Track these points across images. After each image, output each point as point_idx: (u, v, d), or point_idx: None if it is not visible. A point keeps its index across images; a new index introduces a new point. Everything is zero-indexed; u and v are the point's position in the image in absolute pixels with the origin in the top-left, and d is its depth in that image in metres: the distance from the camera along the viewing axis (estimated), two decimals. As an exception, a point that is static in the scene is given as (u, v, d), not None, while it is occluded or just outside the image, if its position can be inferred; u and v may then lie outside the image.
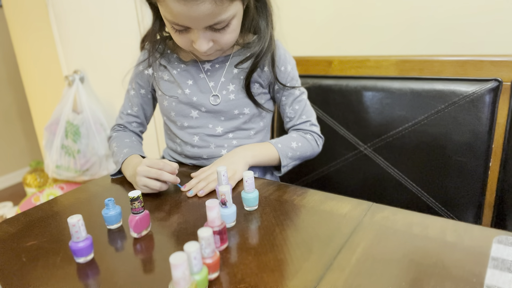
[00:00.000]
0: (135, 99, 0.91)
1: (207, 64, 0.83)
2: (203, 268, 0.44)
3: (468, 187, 0.90)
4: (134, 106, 0.92)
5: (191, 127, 0.84)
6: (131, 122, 0.93)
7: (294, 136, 0.85)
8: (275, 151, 0.81)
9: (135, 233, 0.57)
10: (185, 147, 0.86)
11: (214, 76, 0.83)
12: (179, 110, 0.84)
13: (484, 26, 0.95)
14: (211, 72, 0.83)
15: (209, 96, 0.82)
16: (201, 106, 0.82)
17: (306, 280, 0.46)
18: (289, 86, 0.86)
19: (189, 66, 0.83)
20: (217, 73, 0.83)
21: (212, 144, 0.84)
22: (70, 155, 1.89)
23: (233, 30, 0.73)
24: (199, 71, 0.83)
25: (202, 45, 0.71)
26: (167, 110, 0.86)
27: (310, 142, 0.86)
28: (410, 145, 0.94)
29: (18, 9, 2.07)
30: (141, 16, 1.54)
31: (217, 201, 0.51)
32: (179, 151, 0.88)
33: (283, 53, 0.85)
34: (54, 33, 1.92)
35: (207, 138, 0.84)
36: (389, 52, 1.07)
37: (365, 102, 0.98)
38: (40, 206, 0.69)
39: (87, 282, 0.48)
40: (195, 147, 0.85)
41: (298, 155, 0.83)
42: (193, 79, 0.83)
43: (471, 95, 0.86)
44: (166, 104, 0.85)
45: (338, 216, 0.60)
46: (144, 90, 0.91)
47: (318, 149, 0.88)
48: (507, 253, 0.48)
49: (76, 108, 1.90)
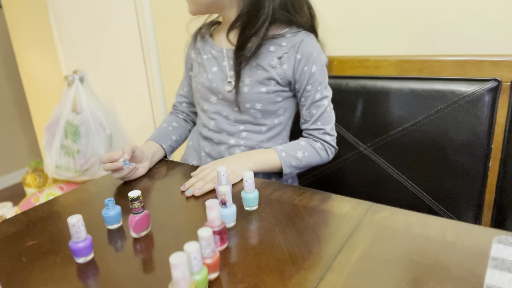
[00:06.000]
0: (185, 80, 0.99)
1: (231, 53, 0.85)
2: (203, 268, 0.44)
3: (467, 187, 0.90)
4: (184, 87, 1.00)
5: (209, 111, 0.89)
6: (181, 102, 1.00)
7: (302, 144, 0.83)
8: (278, 159, 0.80)
9: (135, 233, 0.57)
10: (202, 129, 0.91)
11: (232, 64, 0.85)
12: (202, 94, 0.89)
13: (484, 26, 0.95)
14: (230, 59, 0.85)
15: (224, 83, 0.85)
16: (219, 92, 0.86)
17: (306, 280, 0.46)
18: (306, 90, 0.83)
19: (217, 53, 0.87)
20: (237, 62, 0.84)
21: (224, 132, 0.88)
22: (69, 155, 1.88)
23: None
24: (223, 59, 0.86)
25: None
26: (195, 92, 0.92)
27: (318, 151, 0.84)
28: (410, 145, 0.94)
29: (18, 9, 2.07)
30: (141, 16, 1.54)
31: (217, 201, 0.51)
32: (199, 130, 0.94)
33: (310, 51, 0.81)
34: (54, 33, 1.92)
35: (220, 124, 0.88)
36: (388, 52, 1.07)
37: (365, 102, 0.98)
38: (40, 206, 0.69)
39: (87, 282, 0.48)
40: (210, 131, 0.89)
41: (303, 165, 0.82)
42: (218, 66, 0.86)
43: (471, 95, 0.86)
44: (194, 85, 0.92)
45: (338, 216, 0.60)
46: (191, 72, 0.97)
47: (327, 158, 0.86)
48: (507, 253, 0.48)
49: (75, 108, 1.90)
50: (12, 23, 2.15)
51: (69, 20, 1.83)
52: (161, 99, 1.66)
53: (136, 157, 0.78)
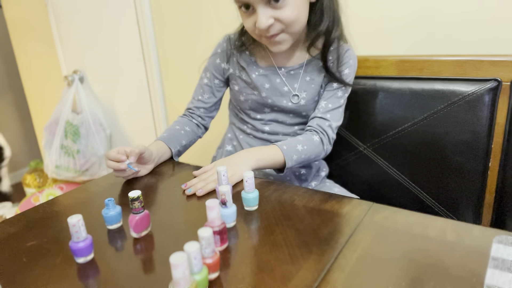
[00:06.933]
0: (207, 87, 0.98)
1: (283, 70, 0.90)
2: (203, 268, 0.44)
3: (467, 186, 0.90)
4: (205, 93, 0.98)
5: (264, 119, 0.93)
6: (199, 108, 0.99)
7: (301, 139, 0.84)
8: (280, 154, 0.80)
9: (135, 233, 0.57)
10: (255, 132, 0.95)
11: (289, 81, 0.89)
12: (254, 107, 0.93)
13: (484, 26, 0.95)
14: (286, 77, 0.89)
15: (282, 98, 0.89)
16: (275, 106, 0.91)
17: (306, 280, 0.46)
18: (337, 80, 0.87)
19: (267, 71, 0.90)
20: (293, 79, 0.89)
21: (280, 134, 0.93)
22: (69, 155, 1.88)
23: (293, 7, 0.76)
24: (276, 76, 0.90)
25: (262, 19, 0.75)
26: (243, 104, 0.95)
27: (316, 144, 0.85)
28: (410, 145, 0.94)
29: (18, 9, 2.07)
30: (141, 16, 1.54)
31: (217, 201, 0.51)
32: (248, 132, 0.97)
33: (348, 56, 0.87)
34: (53, 33, 1.92)
35: (276, 128, 0.93)
36: (388, 52, 1.07)
37: (365, 102, 0.98)
38: (40, 206, 0.69)
39: (87, 282, 0.48)
40: (265, 133, 0.94)
41: (303, 158, 0.83)
42: (270, 83, 0.90)
43: (471, 95, 0.86)
44: (242, 99, 0.94)
45: (338, 216, 0.60)
46: (218, 81, 0.98)
47: (323, 153, 0.87)
48: (507, 253, 0.48)
49: (75, 108, 1.90)
50: (12, 23, 2.15)
51: (69, 20, 1.83)
52: (161, 99, 1.66)
53: (143, 159, 0.79)
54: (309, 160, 0.85)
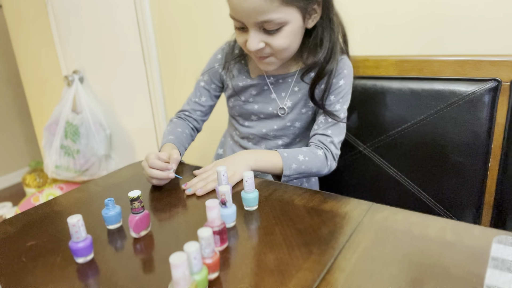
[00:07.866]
0: (204, 90, 0.99)
1: (272, 79, 0.90)
2: (203, 268, 0.44)
3: (467, 187, 0.90)
4: (202, 96, 0.99)
5: (250, 126, 0.95)
6: (196, 110, 1.00)
7: (304, 150, 0.83)
8: (279, 159, 0.79)
9: (135, 233, 0.57)
10: (241, 141, 0.97)
11: (276, 90, 0.90)
12: (241, 113, 0.95)
13: (484, 26, 0.95)
14: (274, 86, 0.90)
15: (268, 106, 0.90)
16: (261, 113, 0.92)
17: (306, 280, 0.46)
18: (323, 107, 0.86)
19: (256, 80, 0.90)
20: (280, 88, 0.89)
21: (263, 143, 0.94)
22: (69, 155, 1.88)
23: (285, 36, 0.77)
24: (264, 84, 0.90)
25: (252, 42, 0.76)
26: (231, 110, 0.98)
27: (319, 158, 0.83)
28: (410, 145, 0.94)
29: (17, 9, 2.07)
30: (141, 16, 1.54)
31: (217, 201, 0.51)
32: (235, 139, 1.00)
33: (341, 67, 0.86)
34: (53, 33, 1.92)
35: (260, 137, 0.94)
36: (388, 52, 1.07)
37: (364, 102, 0.98)
38: (40, 206, 0.69)
39: (87, 282, 0.48)
40: (250, 143, 0.96)
41: (303, 169, 0.81)
42: (256, 91, 0.91)
43: (470, 95, 0.86)
44: (231, 104, 0.96)
45: (338, 216, 0.60)
46: (215, 85, 0.98)
47: (326, 168, 0.85)
48: (507, 253, 0.48)
49: (75, 108, 1.90)
50: (12, 23, 2.15)
51: (69, 20, 1.83)
52: (161, 99, 1.66)
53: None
54: (310, 172, 0.83)
